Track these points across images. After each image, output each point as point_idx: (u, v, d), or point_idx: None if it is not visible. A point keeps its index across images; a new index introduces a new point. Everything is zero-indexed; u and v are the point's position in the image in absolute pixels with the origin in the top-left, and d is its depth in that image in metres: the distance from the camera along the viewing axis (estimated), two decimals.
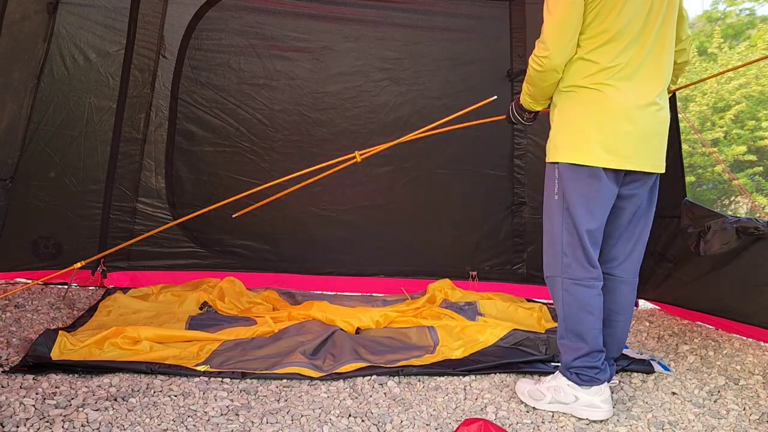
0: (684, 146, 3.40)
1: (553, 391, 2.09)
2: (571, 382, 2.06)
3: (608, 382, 2.11)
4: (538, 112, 2.28)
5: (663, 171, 2.10)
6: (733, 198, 9.72)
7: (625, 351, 2.73)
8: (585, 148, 1.95)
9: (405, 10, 3.80)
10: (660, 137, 2.05)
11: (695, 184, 9.48)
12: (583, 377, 2.04)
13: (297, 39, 3.75)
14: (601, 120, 1.95)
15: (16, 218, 3.34)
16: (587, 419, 2.04)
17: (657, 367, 2.55)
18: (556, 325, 2.93)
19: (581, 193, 1.97)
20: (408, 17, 3.81)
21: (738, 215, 3.35)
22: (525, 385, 2.19)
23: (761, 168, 9.39)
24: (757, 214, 7.77)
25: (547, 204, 2.08)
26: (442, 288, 3.54)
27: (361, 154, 2.52)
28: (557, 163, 2.02)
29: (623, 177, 2.03)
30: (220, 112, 3.72)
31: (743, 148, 9.21)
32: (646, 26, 1.96)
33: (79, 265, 2.71)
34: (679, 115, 3.51)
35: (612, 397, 2.13)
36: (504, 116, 2.42)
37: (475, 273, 3.88)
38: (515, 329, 2.72)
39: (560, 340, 2.11)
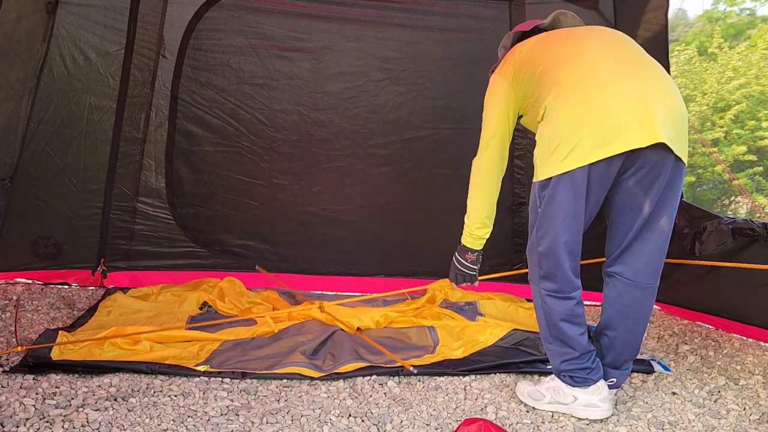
0: None
1: (553, 391, 2.09)
2: (566, 384, 2.06)
3: (616, 387, 2.11)
4: (480, 253, 2.37)
5: (659, 141, 1.81)
6: (733, 198, 9.72)
7: None
8: (550, 160, 1.89)
9: (405, 10, 3.80)
10: (641, 107, 1.81)
11: (695, 184, 9.47)
12: (576, 379, 2.04)
13: (297, 39, 3.75)
14: (559, 124, 1.88)
15: (16, 218, 3.35)
16: (587, 419, 2.04)
17: (657, 367, 2.55)
18: None
19: (556, 206, 1.90)
20: (408, 17, 3.81)
21: (737, 215, 3.35)
22: (525, 386, 2.19)
23: (761, 168, 9.38)
24: (757, 215, 7.77)
25: (530, 214, 2.06)
26: (443, 288, 3.54)
27: (323, 307, 2.53)
28: (534, 183, 1.99)
29: (620, 164, 1.85)
30: (219, 112, 3.72)
31: (743, 148, 9.20)
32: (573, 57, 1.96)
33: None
34: None
35: (611, 397, 2.13)
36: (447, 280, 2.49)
37: None
38: (515, 329, 2.72)
39: (547, 345, 2.09)
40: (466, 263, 2.40)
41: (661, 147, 1.84)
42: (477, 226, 2.35)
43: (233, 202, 3.79)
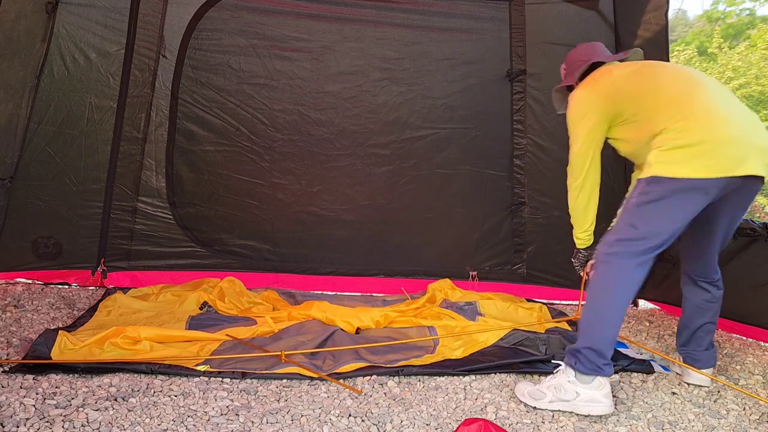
0: None
1: (554, 389, 2.09)
2: (571, 378, 2.07)
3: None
4: (579, 250, 2.58)
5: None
6: None
7: (624, 351, 2.73)
8: (677, 165, 2.05)
9: (405, 10, 3.81)
10: (755, 140, 2.09)
11: None
12: (588, 366, 2.05)
13: (297, 39, 3.76)
14: (692, 141, 2.05)
15: (17, 218, 3.35)
16: (588, 416, 2.04)
17: (657, 368, 2.55)
18: (556, 324, 2.93)
19: (669, 202, 2.07)
20: (408, 17, 3.82)
21: None
22: (525, 386, 2.18)
23: None
24: (757, 215, 7.76)
25: (631, 199, 2.18)
26: (442, 288, 3.54)
27: (286, 354, 2.44)
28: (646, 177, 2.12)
29: (731, 186, 2.07)
30: (220, 112, 3.73)
31: None
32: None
33: None
34: None
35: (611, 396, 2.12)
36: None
37: (475, 273, 3.88)
38: (515, 329, 2.72)
39: (583, 318, 2.13)
40: (573, 259, 2.66)
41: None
42: (581, 232, 2.54)
43: (233, 202, 3.79)
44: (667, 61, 3.41)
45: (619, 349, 2.77)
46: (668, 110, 2.10)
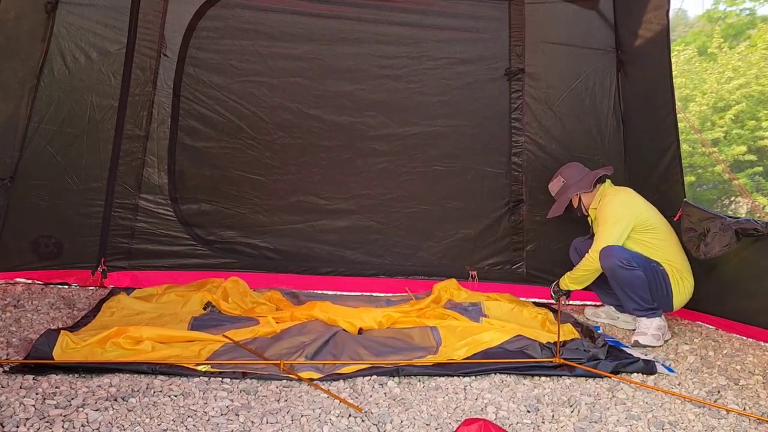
0: (684, 146, 3.45)
1: (655, 328, 2.93)
2: (655, 320, 2.97)
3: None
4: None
5: None
6: (733, 198, 9.72)
7: (627, 350, 2.73)
8: (678, 281, 3.11)
9: (404, 9, 3.82)
10: None
11: (695, 184, 9.47)
12: (650, 313, 2.99)
13: (297, 37, 3.77)
14: (681, 273, 3.12)
15: (17, 217, 3.35)
16: (649, 346, 2.88)
17: (660, 368, 2.54)
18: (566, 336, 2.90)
19: (659, 279, 3.09)
20: (407, 16, 3.83)
21: (738, 216, 3.34)
22: (642, 329, 2.96)
23: (761, 168, 9.39)
24: (757, 215, 7.76)
25: (641, 269, 3.04)
26: (448, 288, 3.54)
27: (284, 364, 2.39)
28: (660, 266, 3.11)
29: None
30: (221, 109, 3.74)
31: (743, 148, 9.21)
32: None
33: None
34: (679, 115, 3.51)
35: (611, 396, 2.12)
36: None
37: (474, 273, 3.88)
38: (519, 336, 2.68)
39: (632, 303, 3.03)
40: (553, 292, 3.43)
41: None
42: (577, 286, 3.34)
43: (235, 198, 3.80)
44: (669, 61, 3.41)
45: (623, 348, 2.77)
46: (672, 246, 3.15)
